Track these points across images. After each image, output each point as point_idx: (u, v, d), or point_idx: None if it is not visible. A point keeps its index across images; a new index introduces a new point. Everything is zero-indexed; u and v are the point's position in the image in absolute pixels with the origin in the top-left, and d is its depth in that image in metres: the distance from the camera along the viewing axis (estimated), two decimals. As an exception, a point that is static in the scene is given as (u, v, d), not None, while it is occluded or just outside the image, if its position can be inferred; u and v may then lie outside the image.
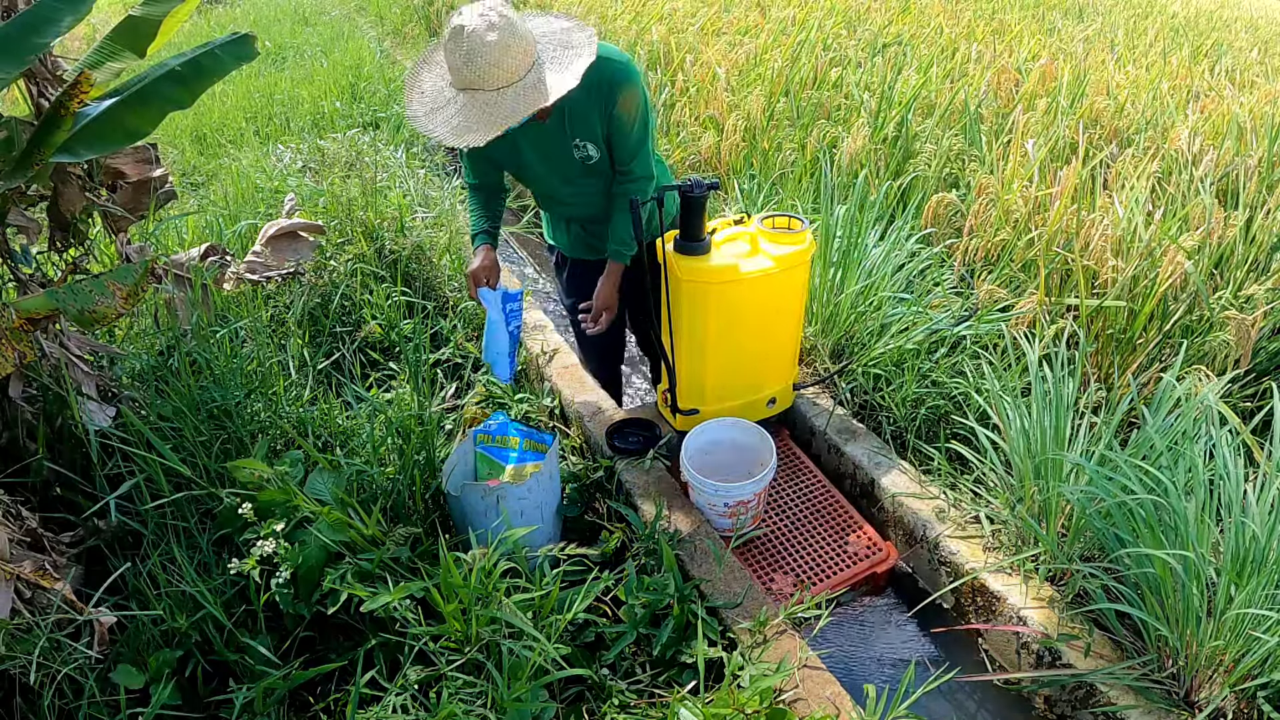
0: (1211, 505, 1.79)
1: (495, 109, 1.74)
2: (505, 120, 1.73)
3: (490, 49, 1.69)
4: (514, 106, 1.74)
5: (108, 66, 2.07)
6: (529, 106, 1.74)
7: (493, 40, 1.69)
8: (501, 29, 1.70)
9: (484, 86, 1.74)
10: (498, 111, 1.74)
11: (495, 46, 1.69)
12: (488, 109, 1.74)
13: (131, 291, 1.76)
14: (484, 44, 1.69)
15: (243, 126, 5.08)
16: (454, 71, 1.76)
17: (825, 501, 2.42)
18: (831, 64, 4.56)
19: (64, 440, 2.02)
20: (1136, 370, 2.41)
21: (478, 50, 1.70)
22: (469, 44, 1.70)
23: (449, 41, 1.73)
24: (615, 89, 1.94)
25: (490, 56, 1.70)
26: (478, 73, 1.72)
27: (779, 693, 1.69)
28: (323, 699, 1.72)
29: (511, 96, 1.75)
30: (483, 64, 1.71)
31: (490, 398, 2.57)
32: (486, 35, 1.69)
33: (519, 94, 1.75)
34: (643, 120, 2.03)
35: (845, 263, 2.80)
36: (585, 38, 1.84)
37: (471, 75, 1.73)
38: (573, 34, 1.86)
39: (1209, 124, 3.65)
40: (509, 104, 1.74)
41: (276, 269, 2.91)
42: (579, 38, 1.85)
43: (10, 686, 1.59)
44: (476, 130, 1.74)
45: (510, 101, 1.74)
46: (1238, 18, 8.70)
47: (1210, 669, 1.69)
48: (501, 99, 1.74)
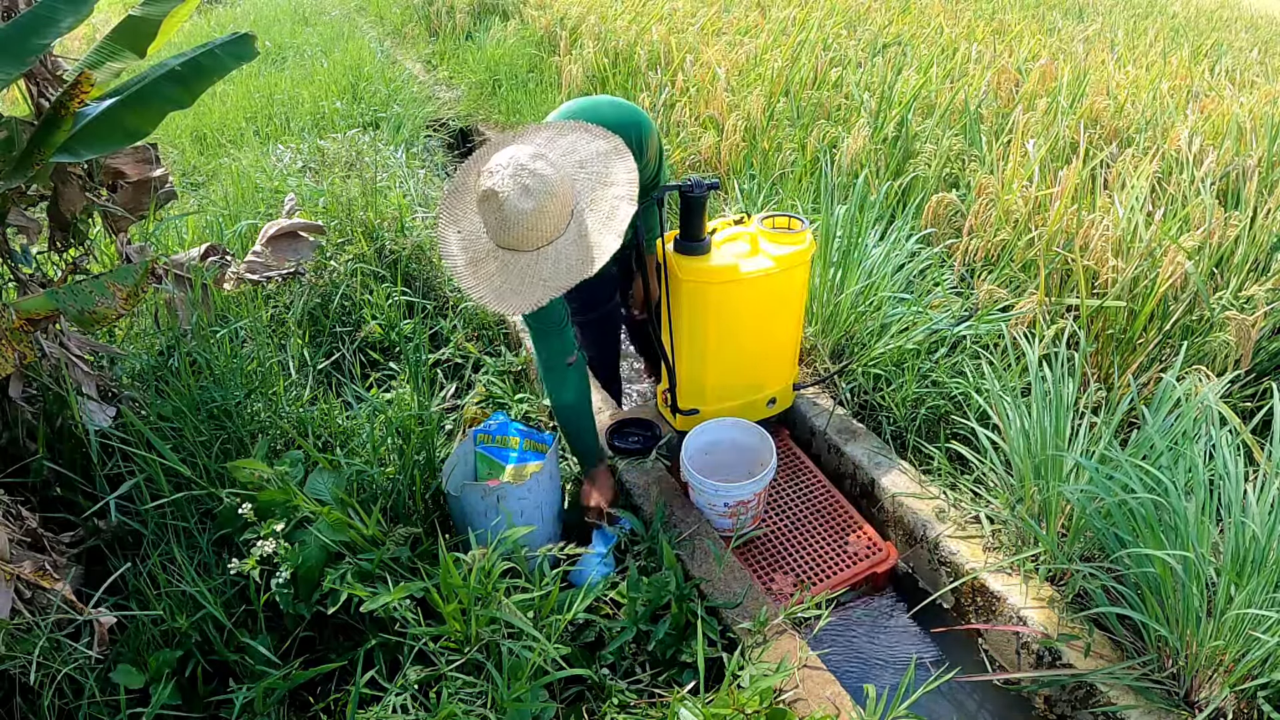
0: (1211, 505, 1.79)
1: (536, 271, 1.64)
2: (549, 288, 1.63)
3: (526, 216, 1.59)
4: (555, 271, 1.64)
5: (108, 66, 2.07)
6: (572, 277, 1.64)
7: (529, 208, 1.59)
8: (537, 193, 1.59)
9: (522, 248, 1.65)
10: (539, 274, 1.64)
11: (532, 214, 1.59)
12: (529, 270, 1.65)
13: (132, 292, 1.76)
14: (519, 212, 1.59)
15: (243, 126, 5.08)
16: (490, 230, 1.66)
17: (825, 501, 2.42)
18: (831, 64, 4.56)
19: (64, 440, 2.02)
20: (1136, 370, 2.41)
21: (513, 218, 1.60)
22: (503, 211, 1.59)
23: (481, 203, 1.63)
24: (643, 146, 1.94)
25: (527, 223, 1.60)
26: (515, 237, 1.63)
27: (779, 693, 1.69)
28: (323, 699, 1.72)
29: (553, 258, 1.65)
30: (520, 230, 1.61)
31: (490, 398, 2.57)
32: (522, 203, 1.58)
33: (561, 254, 1.65)
34: (660, 155, 2.08)
35: (845, 263, 2.81)
36: (624, 172, 1.70)
37: (509, 239, 1.64)
38: (611, 163, 1.72)
39: (1209, 124, 3.65)
40: (549, 267, 1.64)
41: (276, 269, 2.91)
42: (618, 171, 1.71)
43: (10, 686, 1.59)
44: (520, 295, 1.64)
45: (551, 265, 1.64)
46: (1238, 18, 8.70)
47: (1210, 669, 1.69)
48: (542, 260, 1.65)
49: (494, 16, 6.97)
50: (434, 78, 6.28)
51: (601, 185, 1.70)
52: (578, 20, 5.97)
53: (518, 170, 1.58)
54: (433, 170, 4.42)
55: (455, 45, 6.68)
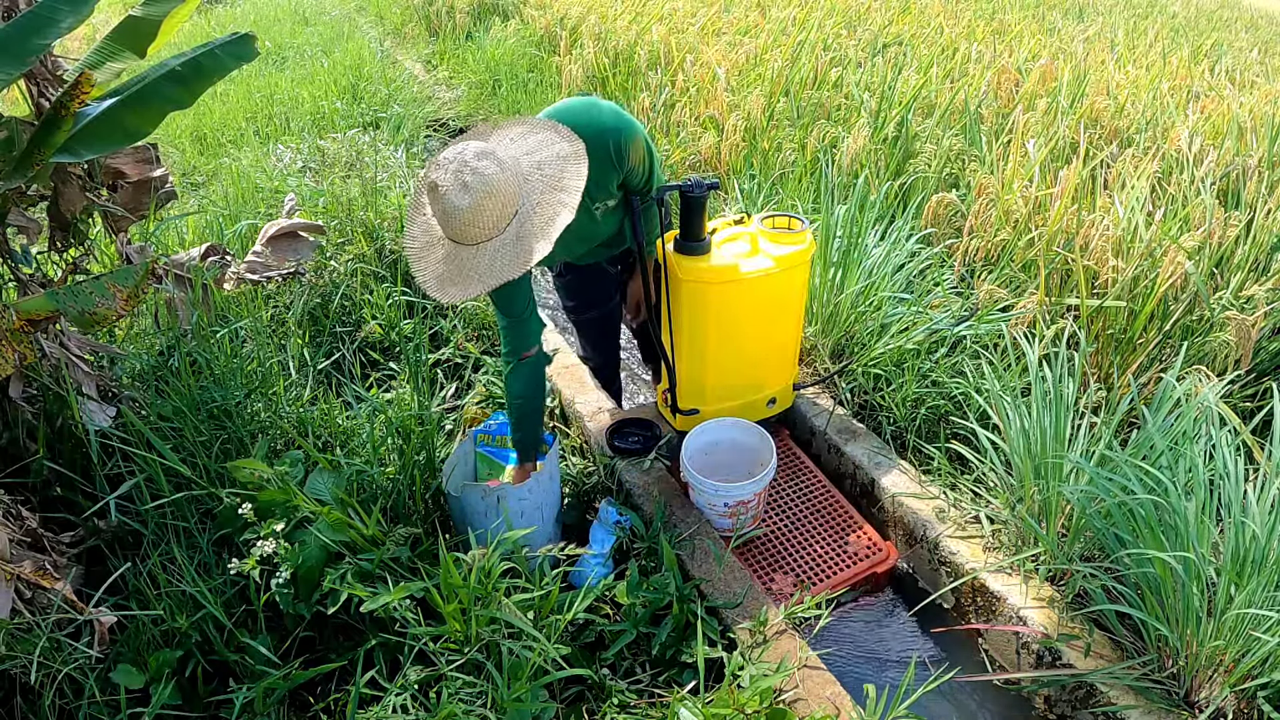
0: (1211, 505, 1.79)
1: (471, 267, 1.67)
2: (481, 284, 1.66)
3: (462, 212, 1.62)
4: (490, 269, 1.66)
5: (108, 66, 2.07)
6: (502, 276, 1.65)
7: (465, 204, 1.61)
8: (475, 189, 1.61)
9: (462, 240, 1.68)
10: (473, 271, 1.67)
11: (468, 210, 1.62)
12: (468, 264, 1.68)
13: (132, 293, 1.76)
14: (455, 207, 1.62)
15: (243, 126, 5.08)
16: (437, 219, 1.70)
17: (825, 501, 2.42)
18: (831, 64, 4.56)
19: (64, 440, 2.02)
20: (1136, 370, 2.41)
21: (451, 212, 1.63)
22: (443, 204, 1.63)
23: (429, 192, 1.66)
24: (624, 151, 1.92)
25: (463, 218, 1.63)
26: (454, 230, 1.66)
27: (779, 693, 1.69)
28: (323, 699, 1.72)
29: (489, 255, 1.67)
30: (457, 224, 1.64)
31: (490, 398, 2.57)
32: (459, 199, 1.61)
33: (497, 251, 1.67)
34: (649, 159, 2.04)
35: (845, 263, 2.81)
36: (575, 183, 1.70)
37: (449, 231, 1.68)
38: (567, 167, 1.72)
39: (1209, 124, 3.65)
40: (485, 264, 1.67)
41: (277, 269, 2.91)
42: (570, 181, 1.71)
43: (10, 686, 1.59)
44: (456, 285, 1.67)
45: (487, 261, 1.67)
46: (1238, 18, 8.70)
47: (1210, 669, 1.69)
48: (479, 256, 1.67)
49: (494, 16, 6.97)
50: (434, 78, 6.28)
51: (551, 190, 1.71)
52: (578, 20, 5.97)
53: (461, 166, 1.62)
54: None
55: (455, 45, 6.69)
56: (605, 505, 2.12)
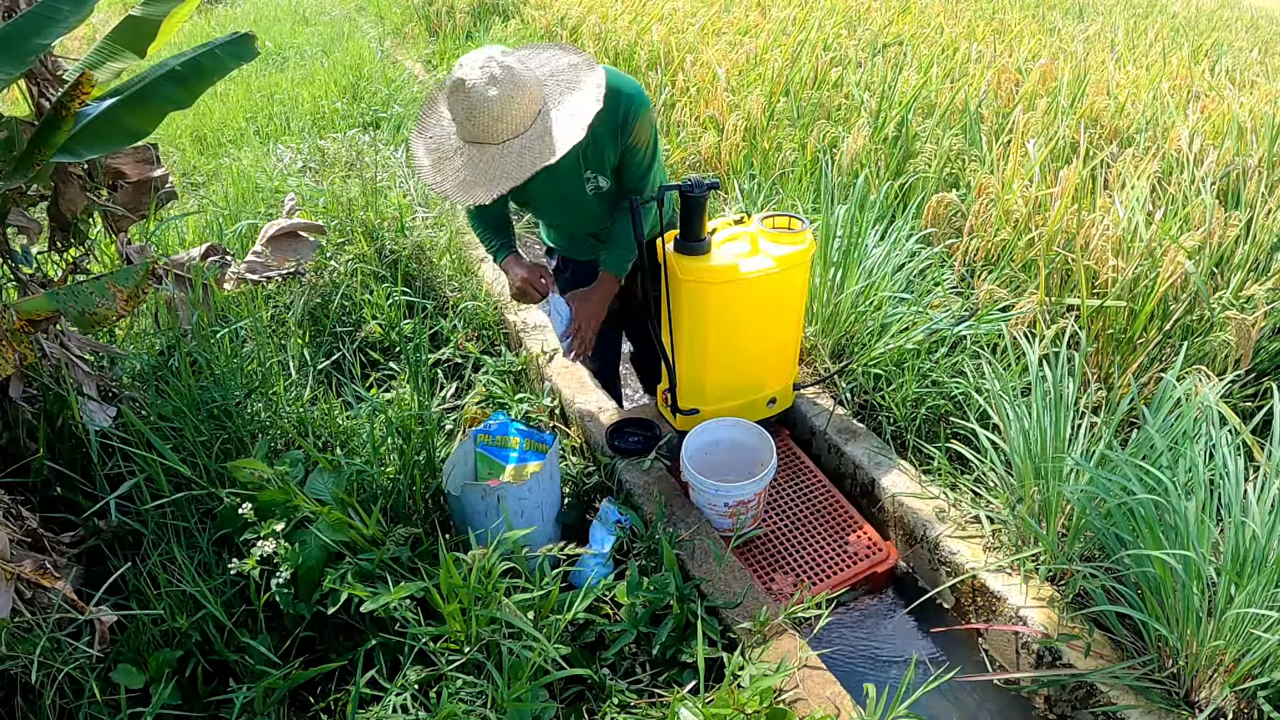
0: (1211, 505, 1.79)
1: (501, 164, 1.69)
2: (511, 178, 1.68)
3: (492, 104, 1.64)
4: (519, 163, 1.69)
5: (108, 66, 2.07)
6: (534, 164, 1.69)
7: (494, 95, 1.64)
8: (503, 82, 1.65)
9: (489, 140, 1.70)
10: (503, 167, 1.69)
11: (497, 101, 1.64)
12: (494, 164, 1.69)
13: (132, 293, 1.76)
14: (485, 99, 1.64)
15: (243, 126, 5.09)
16: (458, 124, 1.72)
17: (825, 501, 2.42)
18: (832, 64, 4.56)
19: (64, 440, 2.02)
20: (1136, 370, 2.41)
21: (479, 106, 1.65)
22: (470, 99, 1.65)
23: (450, 95, 1.69)
24: (630, 120, 1.92)
25: (493, 111, 1.65)
26: (481, 127, 1.68)
27: (779, 692, 1.69)
28: (323, 699, 1.72)
29: (517, 150, 1.70)
30: (486, 119, 1.66)
31: (490, 398, 2.57)
32: (488, 90, 1.64)
33: (525, 147, 1.70)
34: (653, 147, 2.03)
35: (845, 263, 2.81)
36: (593, 81, 1.77)
37: (475, 130, 1.69)
38: (580, 73, 1.79)
39: (1209, 124, 3.65)
40: (513, 159, 1.69)
41: (277, 269, 2.91)
42: (587, 80, 1.77)
43: (11, 686, 1.59)
44: (482, 186, 1.69)
45: (515, 157, 1.69)
46: (1238, 18, 8.71)
47: (1210, 669, 1.69)
48: (507, 153, 1.70)
49: (494, 16, 6.97)
50: (434, 78, 6.28)
51: (570, 90, 1.77)
52: (578, 20, 5.97)
53: (487, 61, 1.66)
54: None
55: (455, 45, 6.69)
56: (606, 504, 2.12)
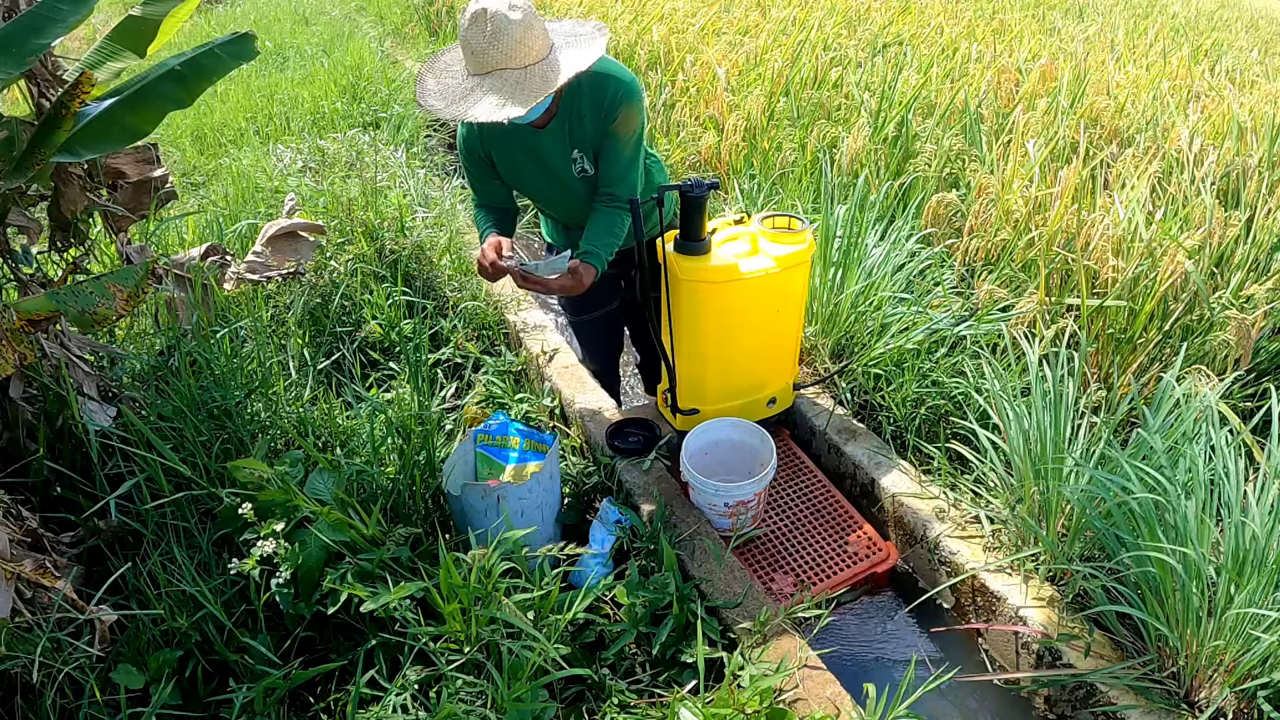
0: (1211, 505, 1.79)
1: (526, 83, 1.75)
2: (538, 92, 1.74)
3: (515, 26, 1.71)
4: (544, 80, 1.75)
5: (108, 66, 2.08)
6: (560, 77, 1.76)
7: (517, 19, 1.71)
8: (524, 9, 1.74)
9: (510, 65, 1.74)
10: (529, 85, 1.75)
11: (520, 25, 1.71)
12: (520, 84, 1.75)
13: (132, 293, 1.76)
14: (509, 22, 1.70)
15: (243, 126, 5.08)
16: (475, 55, 1.75)
17: (825, 501, 2.42)
18: (832, 64, 4.56)
19: (64, 440, 2.02)
20: (1137, 370, 2.41)
21: (502, 28, 1.70)
22: (494, 24, 1.70)
23: (469, 26, 1.74)
24: (617, 104, 1.94)
25: (515, 34, 1.71)
26: (504, 50, 1.73)
27: (779, 692, 1.69)
28: (323, 699, 1.72)
29: (540, 72, 1.76)
30: (509, 41, 1.71)
31: (490, 398, 2.57)
32: (511, 14, 1.71)
33: (547, 68, 1.77)
34: (636, 141, 2.03)
35: (845, 263, 2.81)
36: (593, 27, 1.89)
37: (498, 54, 1.73)
38: (580, 26, 1.91)
39: (1209, 124, 3.65)
40: (537, 80, 1.75)
41: (277, 269, 2.91)
42: (587, 28, 1.89)
43: (11, 686, 1.59)
44: (513, 102, 1.73)
45: (539, 76, 1.76)
46: (1238, 18, 8.70)
47: (1210, 669, 1.69)
48: (530, 76, 1.75)
49: (494, 16, 6.96)
50: (434, 78, 6.27)
51: (572, 36, 1.89)
52: (578, 20, 5.96)
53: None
54: (432, 170, 4.42)
55: (455, 45, 6.67)
56: (606, 505, 2.12)
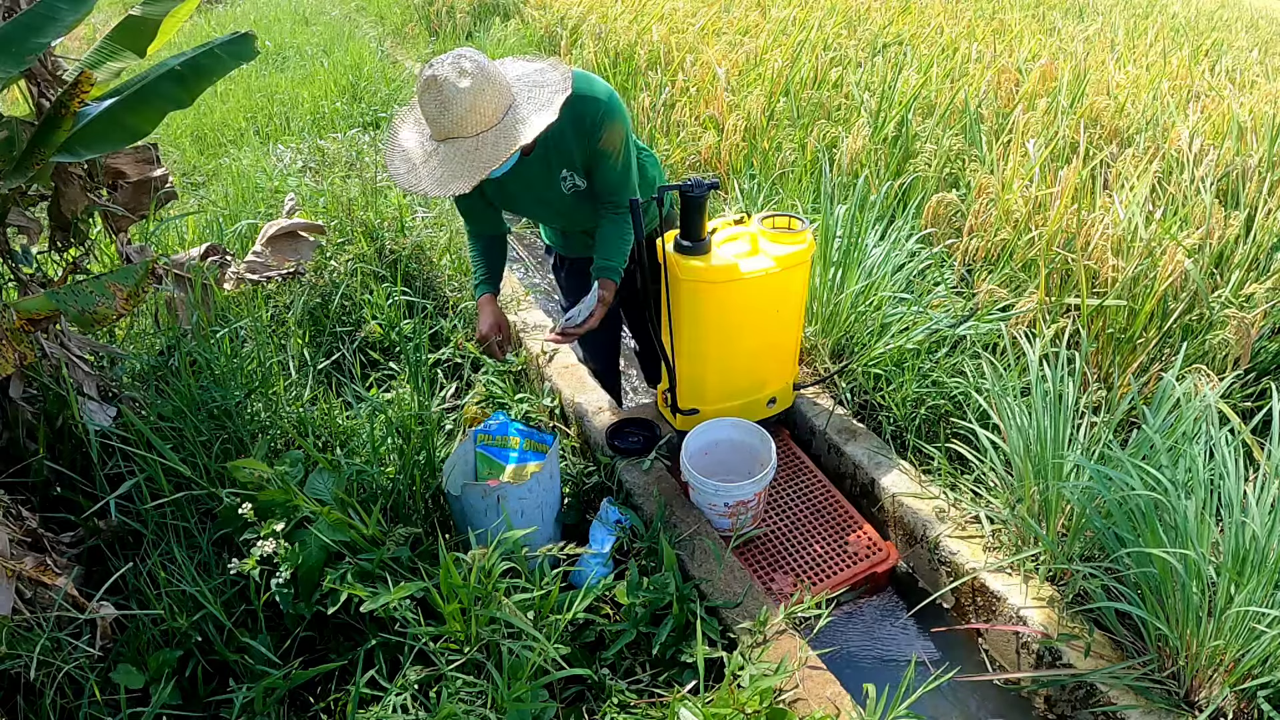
0: (1211, 505, 1.79)
1: (477, 155, 1.71)
2: (488, 164, 1.70)
3: (464, 95, 1.67)
4: (494, 149, 1.71)
5: (108, 66, 2.08)
6: (509, 146, 1.71)
7: (466, 86, 1.68)
8: (474, 75, 1.69)
9: (463, 134, 1.72)
10: (479, 157, 1.71)
11: (469, 92, 1.68)
12: (470, 155, 1.71)
13: (132, 292, 1.76)
14: (457, 90, 1.67)
15: (243, 126, 5.09)
16: (431, 122, 1.73)
17: (825, 501, 2.42)
18: (832, 64, 4.56)
19: (64, 440, 2.02)
20: (1137, 370, 2.41)
21: (451, 98, 1.67)
22: (443, 93, 1.68)
23: (423, 93, 1.71)
24: (599, 126, 1.92)
25: (465, 102, 1.68)
26: (454, 119, 1.70)
27: (779, 692, 1.69)
28: (323, 699, 1.72)
29: (492, 140, 1.72)
30: (459, 110, 1.69)
31: (490, 398, 2.57)
32: (459, 82, 1.68)
33: (499, 135, 1.72)
34: (626, 152, 2.02)
35: (845, 263, 2.81)
36: (559, 76, 1.81)
37: (448, 123, 1.71)
38: (546, 73, 1.83)
39: (1209, 124, 3.65)
40: (489, 149, 1.71)
41: (277, 269, 2.91)
42: (553, 77, 1.82)
43: (12, 685, 1.59)
44: (461, 178, 1.70)
45: (490, 146, 1.72)
46: (1238, 18, 8.70)
47: (1210, 669, 1.69)
48: (481, 144, 1.72)
49: (494, 16, 6.97)
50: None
51: (536, 87, 1.81)
52: (578, 20, 5.97)
53: (456, 58, 1.71)
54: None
55: (455, 45, 6.69)
56: (606, 504, 2.12)
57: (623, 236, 2.08)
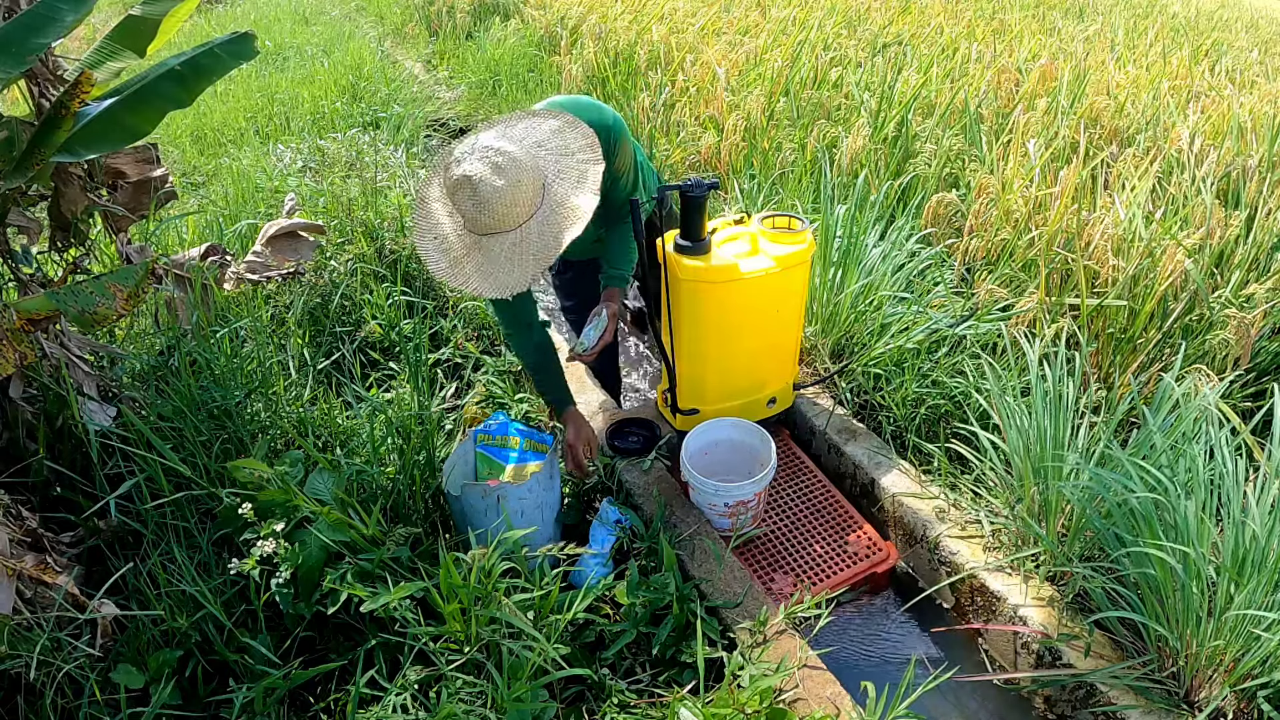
0: (1211, 505, 1.79)
1: (523, 248, 1.68)
2: (541, 258, 1.66)
3: (502, 193, 1.63)
4: (541, 242, 1.67)
5: (108, 66, 2.08)
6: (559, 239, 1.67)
7: (502, 185, 1.63)
8: (507, 169, 1.63)
9: (505, 228, 1.68)
10: (525, 250, 1.67)
11: (506, 189, 1.63)
12: (516, 249, 1.68)
13: (132, 292, 1.76)
14: (494, 190, 1.62)
15: (243, 126, 5.08)
16: (468, 220, 1.69)
17: (825, 501, 2.42)
18: (831, 64, 4.56)
19: (64, 440, 2.02)
20: (1137, 370, 2.41)
21: (488, 198, 1.63)
22: (479, 193, 1.63)
23: (455, 191, 1.66)
24: (612, 154, 1.92)
25: (505, 199, 1.64)
26: (495, 218, 1.66)
27: (779, 692, 1.69)
28: (323, 699, 1.72)
29: (536, 230, 1.68)
30: (499, 209, 1.64)
31: (490, 398, 2.57)
32: (495, 180, 1.62)
33: (544, 222, 1.68)
34: (634, 167, 2.04)
35: (845, 262, 2.81)
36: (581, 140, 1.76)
37: (489, 221, 1.66)
38: (566, 136, 1.77)
39: (1209, 124, 3.64)
40: (535, 239, 1.67)
41: (277, 269, 2.91)
42: (575, 141, 1.76)
43: (12, 685, 1.59)
44: (512, 275, 1.66)
45: (536, 237, 1.67)
46: (1238, 18, 8.70)
47: (1210, 669, 1.69)
48: (525, 235, 1.68)
49: (494, 16, 6.97)
50: (434, 78, 6.28)
51: (563, 156, 1.75)
52: (578, 20, 5.96)
53: (485, 152, 1.64)
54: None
55: (455, 45, 6.69)
56: (606, 505, 2.12)
57: (627, 242, 2.10)
